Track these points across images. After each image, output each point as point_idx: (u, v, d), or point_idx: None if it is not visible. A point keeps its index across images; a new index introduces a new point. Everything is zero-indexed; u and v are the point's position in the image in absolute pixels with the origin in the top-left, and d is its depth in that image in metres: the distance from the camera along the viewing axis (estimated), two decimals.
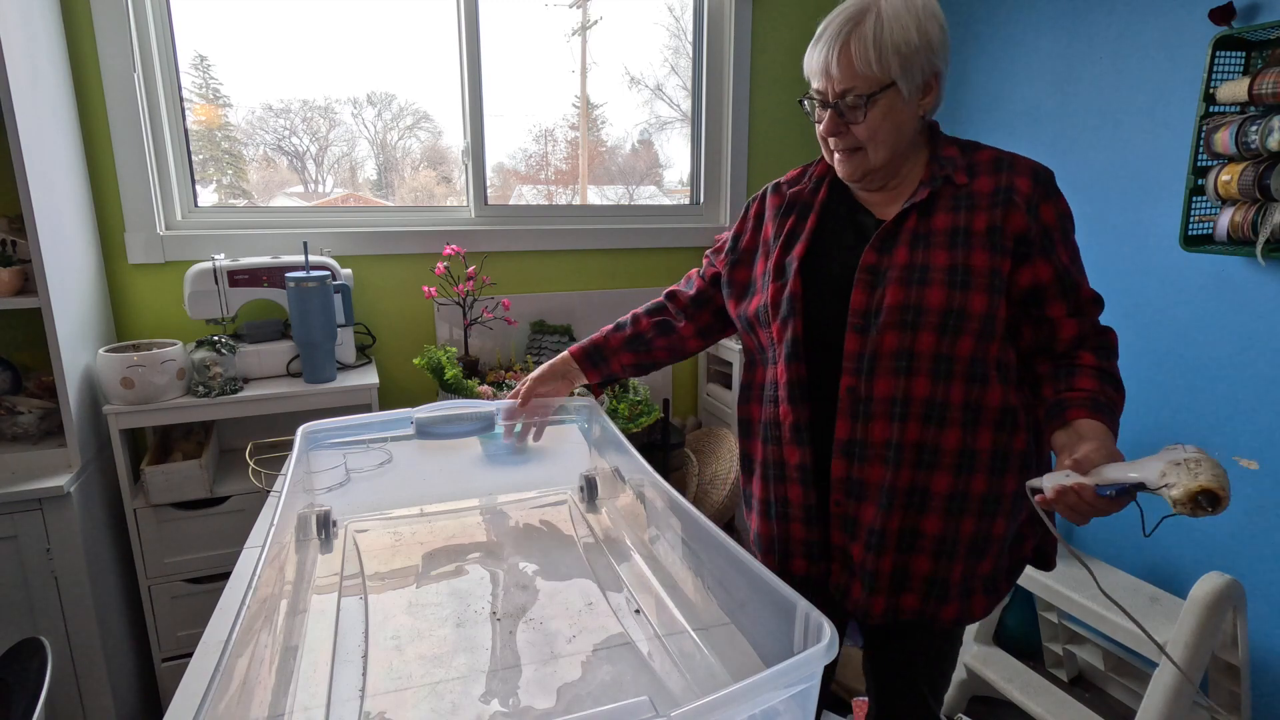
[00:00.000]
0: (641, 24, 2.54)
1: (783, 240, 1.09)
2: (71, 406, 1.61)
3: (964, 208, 0.98)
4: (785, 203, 1.13)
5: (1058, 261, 0.98)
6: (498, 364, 2.30)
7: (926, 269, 0.95)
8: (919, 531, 0.98)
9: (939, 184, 0.99)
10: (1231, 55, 1.63)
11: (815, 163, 1.15)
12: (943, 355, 0.94)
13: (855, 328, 0.97)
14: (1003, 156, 1.01)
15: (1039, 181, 0.98)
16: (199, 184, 2.11)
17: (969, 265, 0.94)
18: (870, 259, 0.98)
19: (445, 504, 1.25)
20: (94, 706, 1.67)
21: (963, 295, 0.93)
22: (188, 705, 0.75)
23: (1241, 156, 1.60)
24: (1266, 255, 1.59)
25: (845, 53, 0.95)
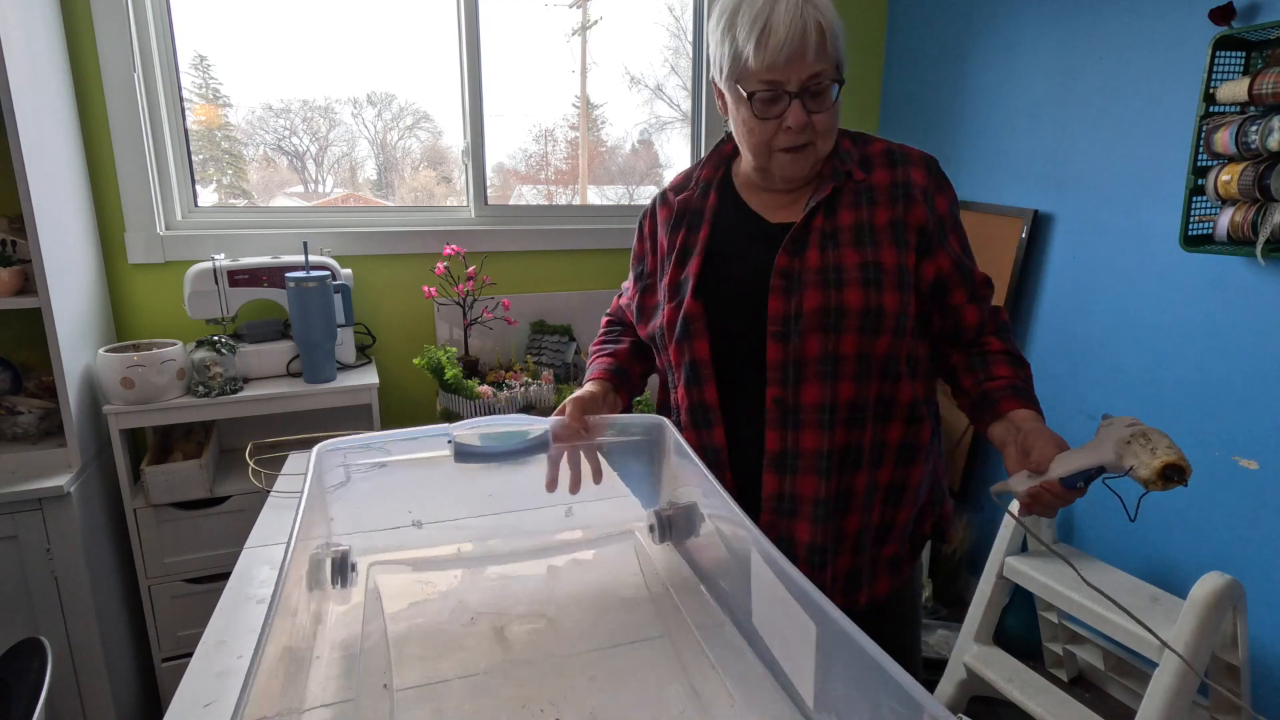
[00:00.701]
0: (641, 24, 2.54)
1: (676, 256, 1.04)
2: (71, 406, 1.61)
3: (865, 203, 0.97)
4: (675, 214, 1.07)
5: (953, 250, 0.99)
6: (498, 364, 2.30)
7: (840, 269, 0.93)
8: (844, 534, 0.98)
9: (841, 179, 0.97)
10: (1231, 55, 1.63)
11: (699, 166, 1.10)
12: (864, 355, 0.93)
13: (776, 335, 0.94)
14: (893, 148, 1.01)
15: (931, 172, 0.99)
16: (199, 184, 2.12)
17: (879, 263, 0.94)
18: (783, 262, 0.95)
19: (483, 540, 1.10)
20: (94, 706, 1.67)
21: (877, 294, 0.93)
22: (187, 707, 0.75)
23: (1241, 156, 1.60)
24: (1266, 255, 1.59)
25: (820, 33, 0.89)
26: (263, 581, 0.98)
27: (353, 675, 0.80)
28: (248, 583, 0.97)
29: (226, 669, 0.80)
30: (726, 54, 0.93)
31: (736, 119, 0.98)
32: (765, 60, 0.89)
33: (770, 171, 0.98)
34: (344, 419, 2.12)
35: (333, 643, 0.85)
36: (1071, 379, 2.10)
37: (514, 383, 2.07)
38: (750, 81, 0.92)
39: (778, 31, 0.88)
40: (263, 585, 0.97)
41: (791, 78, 0.90)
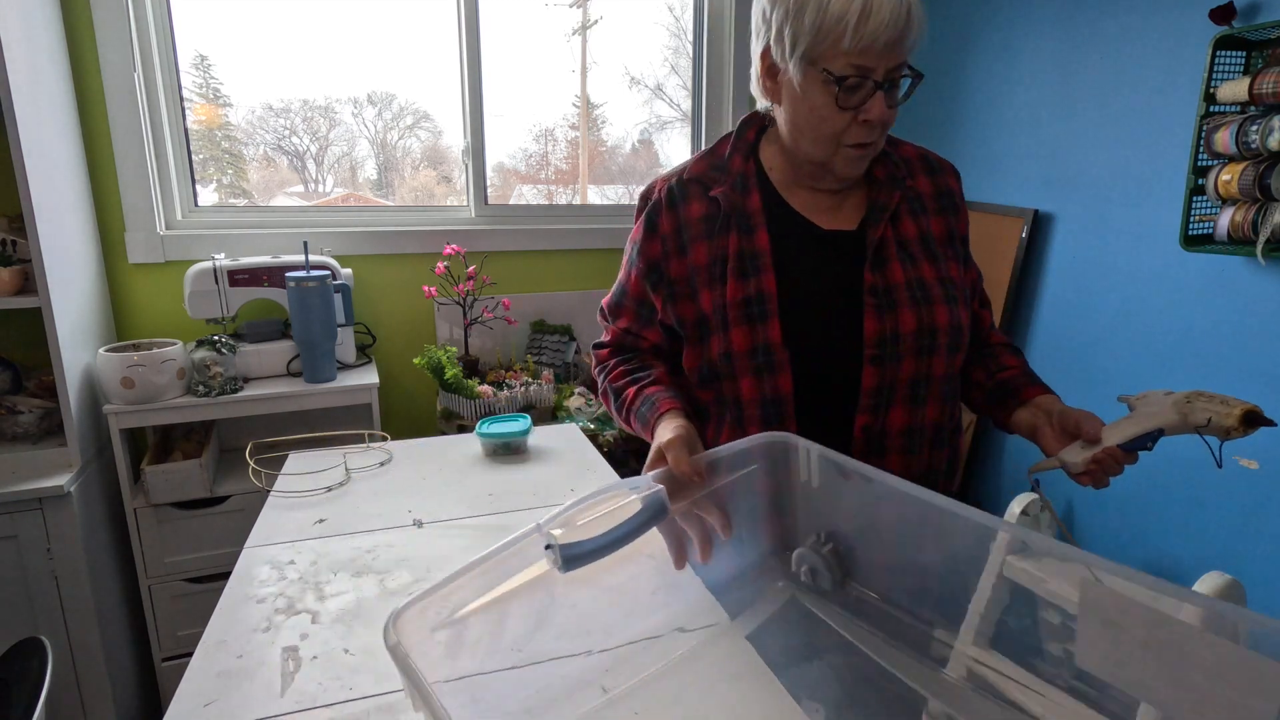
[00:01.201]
0: (641, 24, 2.54)
1: (733, 265, 0.88)
2: (72, 406, 1.61)
3: (919, 211, 0.91)
4: (719, 214, 0.91)
5: (973, 264, 0.98)
6: (498, 363, 2.30)
7: (925, 284, 0.86)
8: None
9: (903, 186, 0.90)
10: (1232, 55, 1.63)
11: (725, 156, 0.94)
12: (949, 375, 0.89)
13: (873, 360, 0.84)
14: (926, 153, 0.96)
15: (958, 179, 0.97)
16: (199, 184, 2.12)
17: (951, 278, 0.89)
18: (871, 279, 0.86)
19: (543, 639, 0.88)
20: (94, 706, 1.67)
21: (958, 311, 0.88)
22: (188, 706, 0.75)
23: (1242, 156, 1.59)
24: (1267, 255, 1.59)
25: (913, 21, 0.79)
26: (263, 581, 0.98)
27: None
28: (248, 583, 0.97)
29: (227, 669, 0.80)
30: (806, 27, 0.79)
31: (803, 104, 0.84)
32: (862, 42, 0.77)
33: (830, 167, 0.87)
34: (344, 419, 2.12)
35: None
36: (1071, 379, 2.10)
37: (514, 382, 2.07)
38: (839, 63, 0.79)
39: (881, 12, 0.76)
40: (262, 585, 0.96)
41: (880, 66, 0.79)
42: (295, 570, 1.01)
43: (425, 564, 1.03)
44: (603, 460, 1.43)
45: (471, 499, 1.25)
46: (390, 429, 2.05)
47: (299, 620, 0.90)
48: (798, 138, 0.88)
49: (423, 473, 1.36)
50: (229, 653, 0.83)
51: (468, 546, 1.09)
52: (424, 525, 1.15)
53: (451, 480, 1.33)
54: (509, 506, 1.23)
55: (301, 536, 1.10)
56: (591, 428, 1.99)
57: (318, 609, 0.92)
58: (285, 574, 1.00)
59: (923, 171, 0.94)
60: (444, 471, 1.37)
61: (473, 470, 1.38)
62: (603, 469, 1.39)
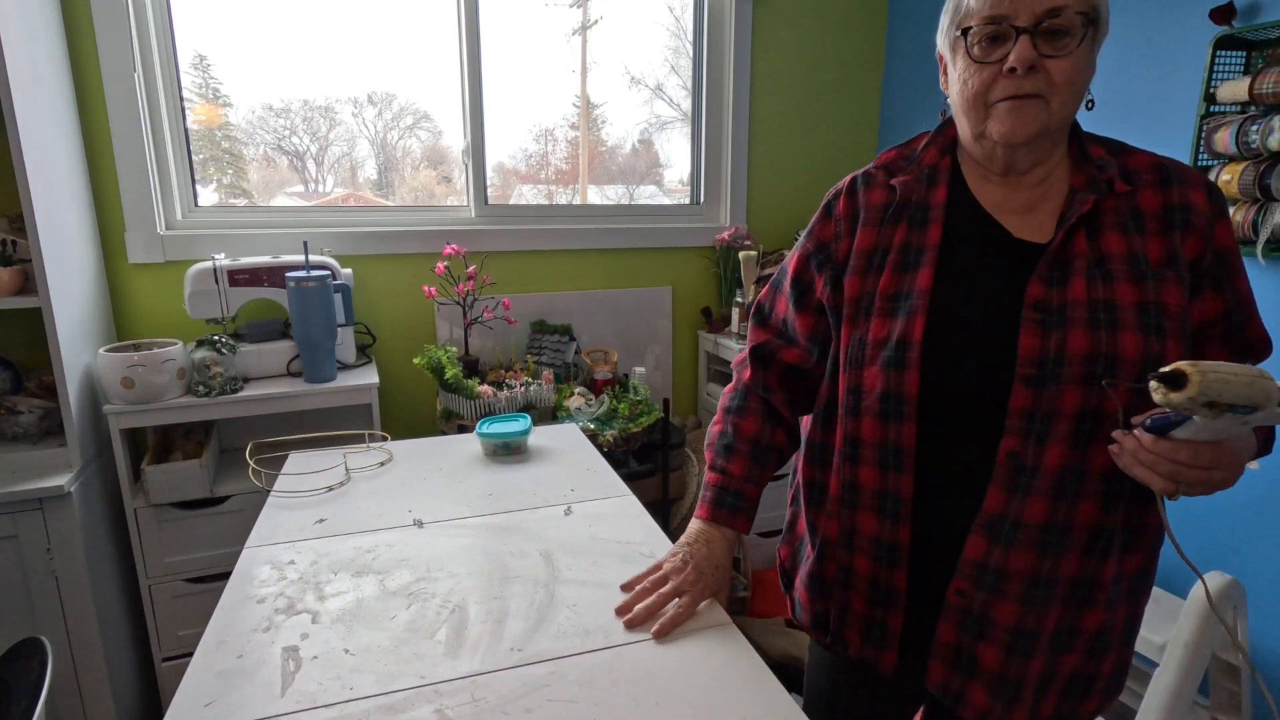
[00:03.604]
0: (641, 24, 2.54)
1: (894, 257, 0.86)
2: (72, 406, 1.61)
3: (1133, 229, 0.79)
4: (893, 201, 0.89)
5: (1230, 295, 0.81)
6: (498, 363, 2.30)
7: (1114, 308, 0.76)
8: (1077, 630, 0.81)
9: (1103, 190, 0.79)
10: (1232, 55, 1.63)
11: (923, 144, 0.91)
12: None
13: (1026, 380, 0.76)
14: (1166, 164, 0.82)
15: (1213, 197, 0.80)
16: (199, 184, 2.12)
17: (1162, 304, 0.76)
18: (1038, 292, 0.77)
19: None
20: (94, 706, 1.67)
21: (1160, 342, 0.75)
22: (188, 706, 0.75)
23: (1242, 156, 1.60)
24: (1267, 255, 1.59)
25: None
26: (263, 581, 0.98)
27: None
28: (248, 582, 0.97)
29: (227, 668, 0.80)
30: (949, 7, 0.81)
31: (955, 78, 0.82)
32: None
33: (987, 135, 0.81)
34: (344, 419, 2.12)
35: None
36: None
37: (514, 382, 2.07)
38: (975, 20, 0.77)
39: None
40: (263, 585, 0.96)
41: (1022, 11, 0.74)
42: (295, 570, 1.01)
43: (425, 564, 1.03)
44: (603, 460, 1.43)
45: (471, 499, 1.25)
46: (390, 429, 2.06)
47: (299, 620, 0.90)
48: (958, 117, 0.85)
49: (423, 473, 1.36)
50: (229, 652, 0.83)
51: (468, 546, 1.09)
52: (424, 525, 1.15)
53: (451, 480, 1.33)
54: (509, 506, 1.23)
55: (302, 536, 1.10)
56: (591, 427, 1.99)
57: (318, 609, 0.92)
58: (285, 574, 1.00)
59: (1154, 184, 0.81)
60: (444, 471, 1.37)
61: (473, 470, 1.38)
62: (602, 469, 1.39)
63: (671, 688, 0.79)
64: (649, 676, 0.81)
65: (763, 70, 2.57)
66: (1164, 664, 1.51)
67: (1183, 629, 1.48)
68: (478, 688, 0.79)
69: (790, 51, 2.60)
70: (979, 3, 0.77)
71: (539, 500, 1.26)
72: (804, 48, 2.61)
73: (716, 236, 2.57)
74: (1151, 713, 1.50)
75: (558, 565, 1.04)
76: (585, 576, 1.01)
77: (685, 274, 2.61)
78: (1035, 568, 0.78)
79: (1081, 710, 0.85)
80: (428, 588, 0.97)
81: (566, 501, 1.25)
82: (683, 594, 0.90)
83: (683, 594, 0.90)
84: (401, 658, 0.83)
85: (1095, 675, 0.84)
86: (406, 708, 0.75)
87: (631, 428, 2.05)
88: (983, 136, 0.82)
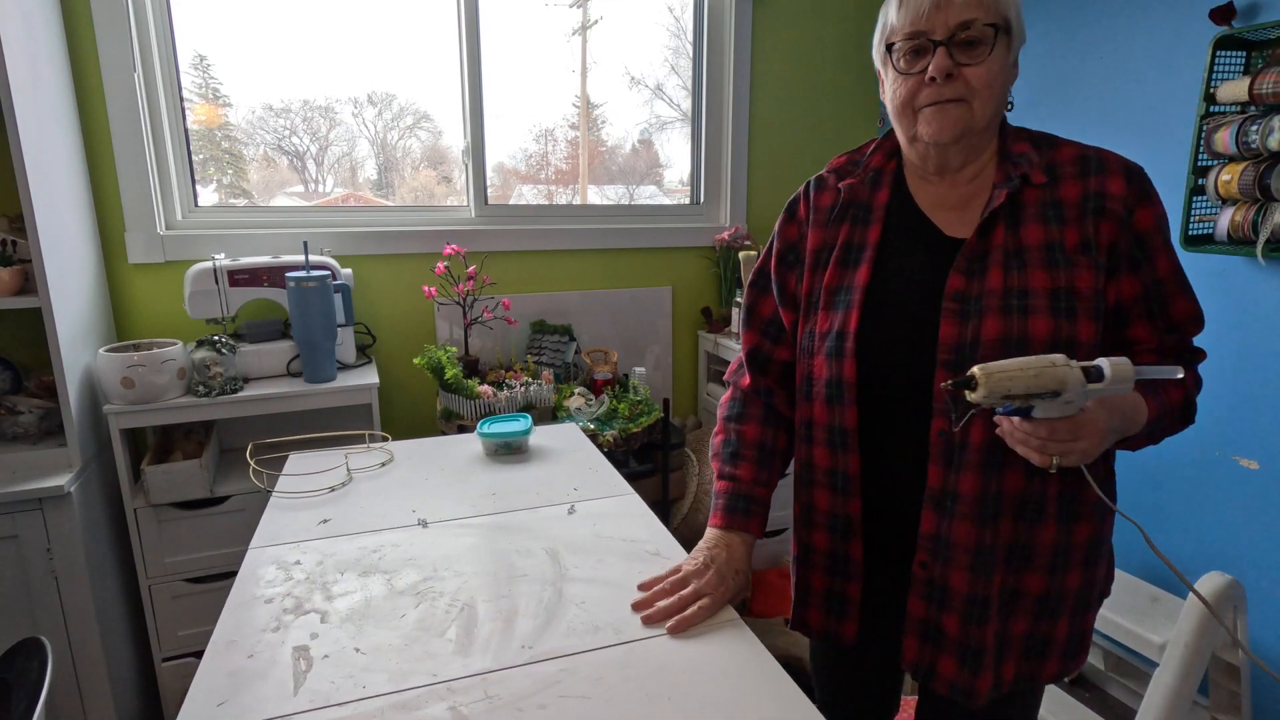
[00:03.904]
0: (641, 24, 2.54)
1: (837, 254, 0.94)
2: (72, 406, 1.61)
3: (1053, 219, 0.85)
4: (838, 203, 0.97)
5: (1148, 275, 0.86)
6: (498, 364, 2.30)
7: (1027, 294, 0.82)
8: (1020, 593, 0.88)
9: (1015, 184, 0.85)
10: (1232, 55, 1.63)
11: (870, 150, 0.98)
12: None
13: (945, 364, 0.84)
14: (1088, 154, 0.88)
15: (1133, 182, 0.85)
16: (199, 184, 2.11)
17: (1074, 288, 0.82)
18: (958, 284, 0.85)
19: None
20: (94, 706, 1.67)
21: (1071, 324, 0.82)
22: (200, 706, 0.75)
23: (1242, 156, 1.60)
24: (1267, 255, 1.59)
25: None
26: (269, 581, 0.98)
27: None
28: (254, 583, 0.97)
29: (238, 668, 0.80)
30: (879, 26, 0.89)
31: (886, 90, 0.90)
32: (910, 13, 0.83)
33: (919, 138, 0.88)
34: (344, 419, 2.12)
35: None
36: None
37: (514, 382, 2.07)
38: (899, 36, 0.86)
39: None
40: (269, 585, 0.97)
41: (937, 25, 0.82)
42: (302, 570, 1.01)
43: (432, 563, 1.03)
44: (605, 460, 1.44)
45: (474, 498, 1.25)
46: (390, 429, 2.05)
47: (308, 620, 0.90)
48: (894, 123, 0.92)
49: (425, 473, 1.36)
50: (239, 652, 0.83)
51: (474, 546, 1.09)
52: (429, 525, 1.15)
53: (454, 480, 1.33)
54: (512, 506, 1.23)
55: (306, 537, 1.10)
56: (591, 427, 1.99)
57: (326, 609, 0.92)
58: (292, 574, 1.00)
59: (1074, 175, 0.86)
60: (446, 471, 1.37)
61: (474, 470, 1.38)
62: (605, 469, 1.39)
63: (683, 683, 0.80)
64: (661, 672, 0.81)
65: (763, 70, 2.57)
66: (1164, 664, 1.51)
67: (1183, 629, 1.48)
68: (490, 685, 0.79)
69: (790, 51, 2.60)
70: (900, 20, 0.85)
71: (542, 499, 1.26)
72: (804, 48, 2.61)
73: (716, 236, 2.57)
74: (1151, 713, 1.50)
75: (564, 564, 1.04)
76: (592, 574, 1.02)
77: (685, 274, 2.61)
78: (977, 536, 0.85)
79: (1042, 673, 0.91)
80: (435, 587, 0.98)
81: (570, 501, 1.25)
82: (703, 596, 0.91)
83: (703, 596, 0.91)
84: (412, 656, 0.83)
85: (1049, 639, 0.90)
86: (420, 705, 0.76)
87: (631, 428, 2.05)
88: (915, 139, 0.89)
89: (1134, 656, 2.00)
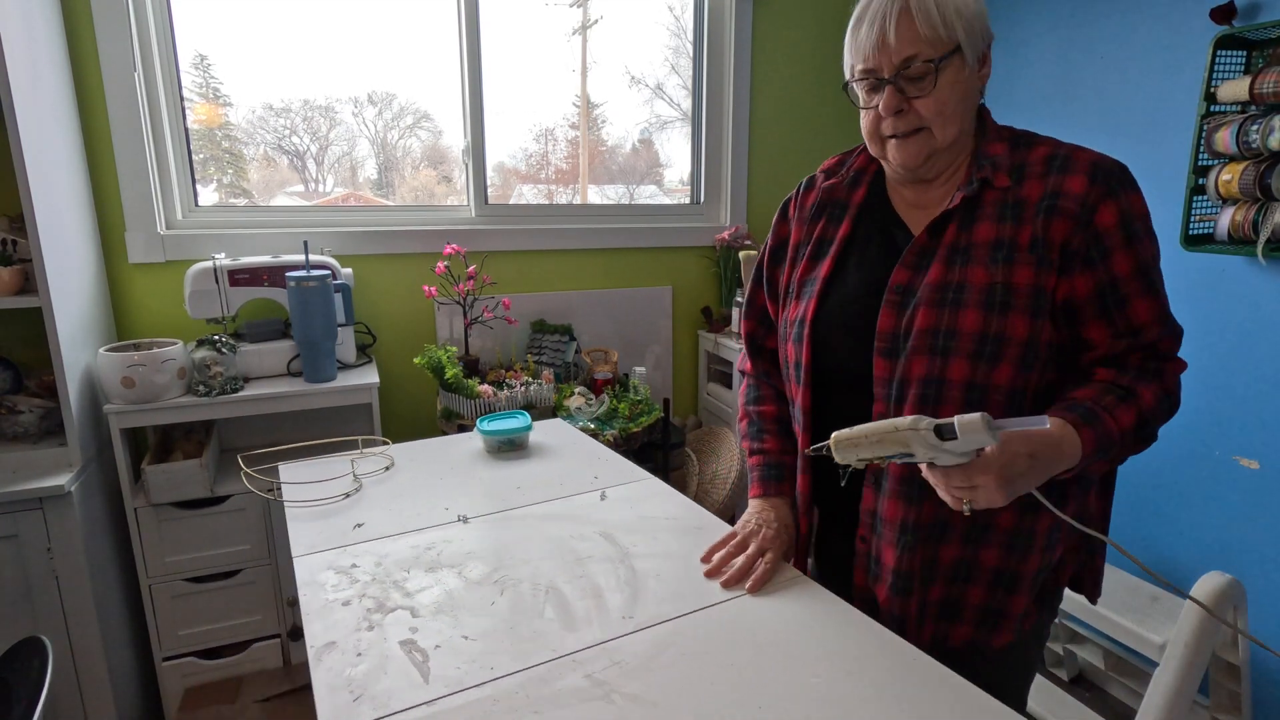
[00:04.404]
0: (642, 24, 2.54)
1: (811, 248, 1.02)
2: (72, 406, 1.61)
3: (1010, 218, 0.87)
4: (818, 201, 1.04)
5: (1104, 274, 0.85)
6: (498, 363, 2.30)
7: (963, 289, 0.86)
8: (936, 562, 0.93)
9: (974, 188, 0.88)
10: (1232, 55, 1.63)
11: (856, 151, 1.04)
12: (977, 384, 0.85)
13: (882, 352, 0.90)
14: (1059, 153, 0.88)
15: (1097, 180, 0.85)
16: (199, 183, 2.12)
17: (1010, 283, 0.85)
18: (901, 277, 0.90)
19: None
20: (94, 706, 1.67)
21: (1001, 318, 0.84)
22: (339, 705, 0.74)
23: (1242, 156, 1.60)
24: (1267, 255, 1.59)
25: (905, 17, 0.86)
26: (334, 586, 0.96)
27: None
28: (319, 589, 0.95)
29: (353, 667, 0.80)
30: (844, 58, 0.95)
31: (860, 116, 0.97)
32: (861, 49, 0.89)
33: (889, 161, 0.94)
34: (344, 418, 2.12)
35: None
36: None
37: (514, 382, 2.07)
38: (855, 73, 0.91)
39: (863, 23, 0.89)
40: (336, 589, 0.95)
41: (884, 64, 0.87)
42: (363, 572, 1.00)
43: (494, 554, 1.04)
44: (608, 449, 1.46)
45: (501, 493, 1.26)
46: (391, 429, 2.06)
47: (399, 616, 0.89)
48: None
49: (437, 472, 1.36)
50: (345, 652, 0.82)
51: (526, 535, 1.11)
52: (469, 520, 1.16)
53: (468, 478, 1.34)
54: (542, 497, 1.24)
55: (347, 541, 1.09)
56: (591, 427, 1.99)
57: (411, 604, 0.92)
58: (354, 576, 0.99)
59: (1039, 175, 0.88)
60: (456, 470, 1.37)
61: (483, 467, 1.39)
62: (614, 458, 1.42)
63: (785, 633, 0.86)
64: (759, 626, 0.87)
65: (763, 70, 2.57)
66: (1164, 664, 1.51)
67: (1183, 629, 1.48)
68: (611, 653, 0.82)
69: (790, 51, 2.59)
70: (854, 58, 0.91)
71: (569, 489, 1.28)
72: (804, 48, 2.61)
73: (716, 236, 2.57)
74: (1151, 713, 1.50)
75: (622, 543, 1.07)
76: (653, 550, 1.06)
77: (685, 274, 2.61)
78: (904, 514, 0.91)
79: (953, 635, 0.96)
80: (509, 574, 0.99)
81: (598, 488, 1.28)
82: (766, 551, 0.99)
83: (766, 551, 0.99)
84: (522, 637, 0.85)
85: (960, 603, 0.95)
86: (556, 678, 0.77)
87: (632, 428, 2.05)
88: (886, 161, 0.95)
89: (1134, 656, 2.00)
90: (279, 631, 1.91)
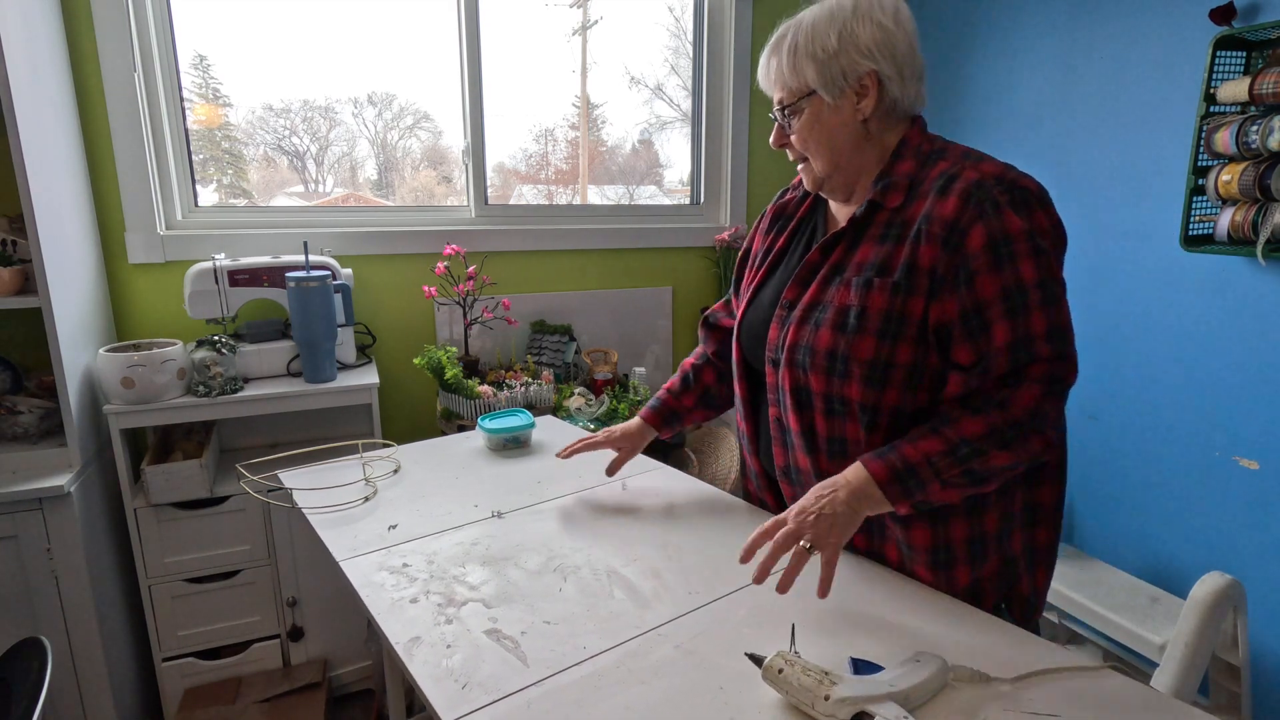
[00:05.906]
0: (641, 24, 2.54)
1: (757, 258, 1.13)
2: (72, 406, 1.61)
3: (893, 238, 0.90)
4: (772, 215, 1.15)
5: (967, 299, 0.84)
6: (498, 364, 2.30)
7: (825, 308, 0.94)
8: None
9: (861, 211, 0.93)
10: (1232, 55, 1.63)
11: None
12: (834, 397, 0.93)
13: (771, 362, 1.01)
14: (951, 172, 0.87)
15: (970, 203, 0.83)
16: (199, 184, 2.11)
17: (863, 307, 0.89)
18: (790, 294, 0.99)
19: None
20: (94, 706, 1.67)
21: (848, 340, 0.90)
22: (448, 693, 0.74)
23: (1242, 156, 1.60)
24: (1267, 255, 1.59)
25: (770, 66, 0.98)
26: (394, 585, 0.96)
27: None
28: (379, 589, 0.95)
29: (447, 658, 0.80)
30: None
31: None
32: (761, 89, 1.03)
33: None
34: (344, 419, 2.12)
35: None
36: None
37: (514, 382, 2.07)
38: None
39: (760, 63, 1.02)
40: (396, 588, 0.95)
41: (773, 104, 1.00)
42: (419, 570, 1.00)
43: (543, 545, 1.06)
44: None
45: (523, 488, 1.27)
46: (390, 429, 2.06)
47: (473, 608, 0.90)
48: None
49: (451, 471, 1.36)
50: (434, 645, 0.83)
51: (565, 526, 1.13)
52: (504, 515, 1.16)
53: (480, 476, 1.34)
54: (567, 490, 1.26)
55: (387, 543, 1.09)
56: (591, 427, 1.99)
57: (481, 596, 0.93)
58: (411, 575, 0.99)
59: (926, 195, 0.88)
60: (466, 470, 1.38)
61: (490, 465, 1.39)
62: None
63: (851, 592, 0.92)
64: (814, 585, 0.88)
65: None
66: (1164, 664, 1.51)
67: (1183, 629, 1.48)
68: (694, 624, 0.85)
69: None
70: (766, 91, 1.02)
71: (589, 481, 1.29)
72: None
73: (716, 236, 2.57)
74: None
75: (659, 526, 1.11)
76: (697, 532, 1.11)
77: (685, 274, 2.62)
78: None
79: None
80: (566, 562, 1.01)
81: (618, 479, 1.30)
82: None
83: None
84: (601, 618, 0.87)
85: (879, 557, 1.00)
86: (648, 651, 0.81)
87: None
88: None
89: (1134, 656, 2.00)
90: (279, 632, 1.91)
